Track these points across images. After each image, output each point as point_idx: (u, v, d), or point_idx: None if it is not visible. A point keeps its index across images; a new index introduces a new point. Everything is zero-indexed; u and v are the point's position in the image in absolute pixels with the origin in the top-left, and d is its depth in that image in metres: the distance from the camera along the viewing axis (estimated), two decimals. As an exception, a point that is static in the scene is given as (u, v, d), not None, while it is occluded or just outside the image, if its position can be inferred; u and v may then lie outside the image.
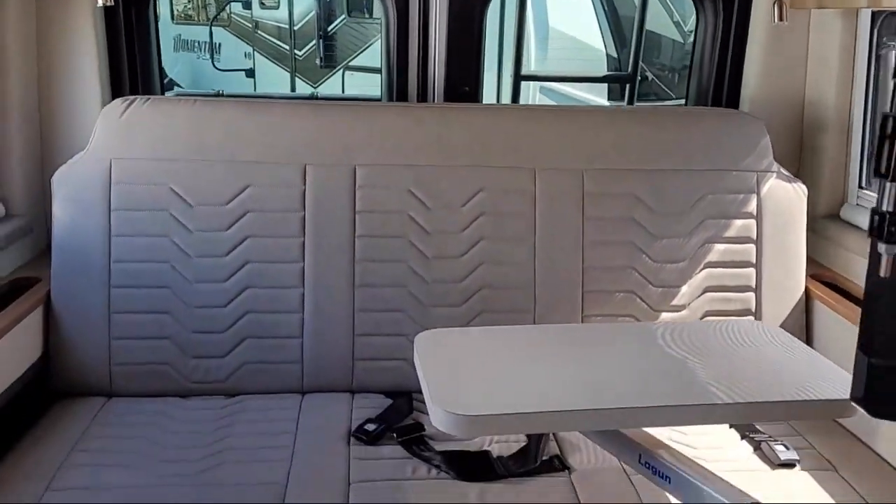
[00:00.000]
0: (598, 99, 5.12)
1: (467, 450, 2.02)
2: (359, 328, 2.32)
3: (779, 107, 2.71)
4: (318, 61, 7.18)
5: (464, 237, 2.35)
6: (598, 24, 6.15)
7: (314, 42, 7.25)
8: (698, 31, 2.91)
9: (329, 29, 7.17)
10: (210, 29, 7.13)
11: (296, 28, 7.43)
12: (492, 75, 4.63)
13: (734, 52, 2.80)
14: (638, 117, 2.59)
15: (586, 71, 5.79)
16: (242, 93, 5.66)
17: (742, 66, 2.78)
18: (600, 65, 5.90)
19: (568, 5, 6.69)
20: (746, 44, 2.76)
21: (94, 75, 2.54)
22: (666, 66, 5.98)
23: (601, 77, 4.27)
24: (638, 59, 3.25)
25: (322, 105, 2.59)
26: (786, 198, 2.45)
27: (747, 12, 2.74)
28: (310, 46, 7.31)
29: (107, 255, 2.27)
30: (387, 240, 2.33)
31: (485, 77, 2.86)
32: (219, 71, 7.23)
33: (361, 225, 2.32)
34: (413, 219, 2.34)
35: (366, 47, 6.92)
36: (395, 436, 2.08)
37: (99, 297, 2.27)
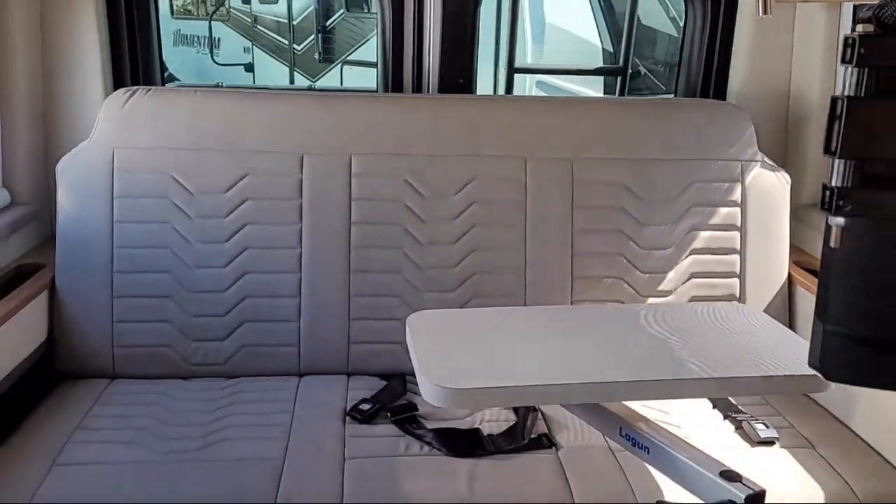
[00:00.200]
0: (594, 93, 5.18)
1: (458, 428, 2.09)
2: (354, 312, 2.39)
3: (765, 98, 2.77)
4: (316, 56, 7.21)
5: (457, 224, 2.42)
6: (594, 20, 6.21)
7: (313, 37, 7.28)
8: (687, 26, 2.97)
9: (328, 24, 7.20)
10: (209, 23, 7.17)
11: (295, 23, 7.46)
12: (489, 69, 4.69)
13: (722, 45, 2.86)
14: (626, 108, 2.65)
15: (581, 65, 5.84)
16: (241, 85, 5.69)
17: (729, 59, 2.85)
18: (596, 59, 5.96)
19: (564, 1, 6.74)
20: (734, 37, 2.82)
21: (96, 67, 2.60)
22: (661, 61, 6.03)
23: (593, 70, 4.33)
24: (629, 53, 3.32)
25: (319, 96, 2.65)
26: (769, 186, 2.52)
27: (734, 6, 2.80)
28: (308, 41, 7.34)
29: (109, 241, 2.33)
30: (382, 227, 2.39)
31: (482, 70, 2.92)
32: (218, 65, 7.28)
33: (357, 212, 2.39)
34: (407, 206, 2.41)
35: (364, 42, 6.95)
36: (388, 415, 2.14)
37: (102, 282, 2.33)
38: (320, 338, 2.39)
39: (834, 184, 0.91)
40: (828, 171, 2.64)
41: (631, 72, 5.02)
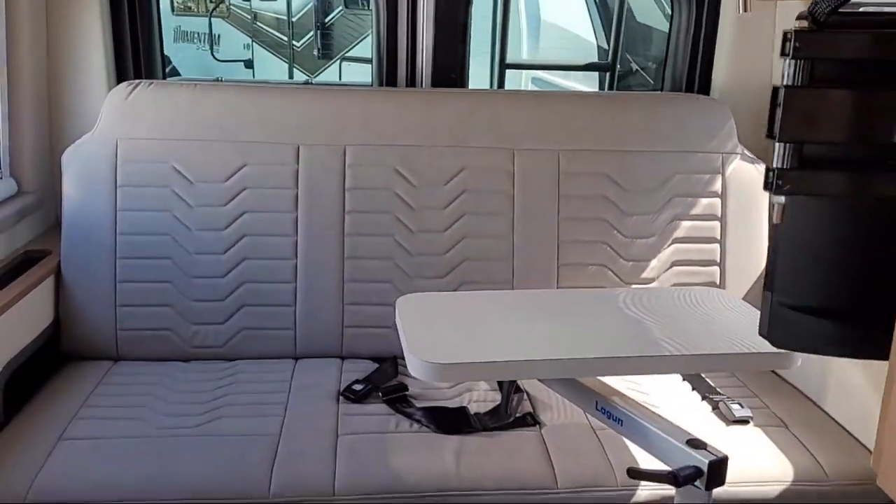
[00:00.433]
0: (588, 90, 5.26)
1: (447, 406, 2.18)
2: (348, 298, 2.48)
3: (747, 93, 2.85)
4: (315, 52, 7.28)
5: (446, 213, 2.51)
6: (589, 17, 6.29)
7: (312, 33, 7.36)
8: (673, 23, 3.05)
9: (326, 20, 7.27)
10: (209, 20, 7.23)
11: (294, 19, 7.53)
12: (487, 66, 4.77)
13: (706, 42, 2.94)
14: (611, 102, 2.74)
15: (577, 62, 5.92)
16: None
17: (713, 55, 2.93)
18: (592, 56, 6.04)
19: (560, -2, 6.82)
20: (717, 34, 2.91)
21: (100, 62, 2.68)
22: (656, 58, 6.11)
23: (581, 65, 4.43)
24: (618, 49, 3.40)
25: (315, 89, 2.75)
26: (749, 178, 2.61)
27: (718, 5, 2.88)
28: (308, 38, 7.41)
29: (113, 228, 2.42)
30: (374, 215, 2.48)
31: (479, 67, 3.00)
32: (218, 62, 7.35)
33: (350, 201, 2.48)
34: (399, 196, 2.50)
35: (362, 38, 7.02)
36: (380, 395, 2.23)
37: (106, 268, 2.42)
38: (315, 322, 2.48)
39: (775, 165, 1.00)
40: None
41: (624, 69, 5.11)
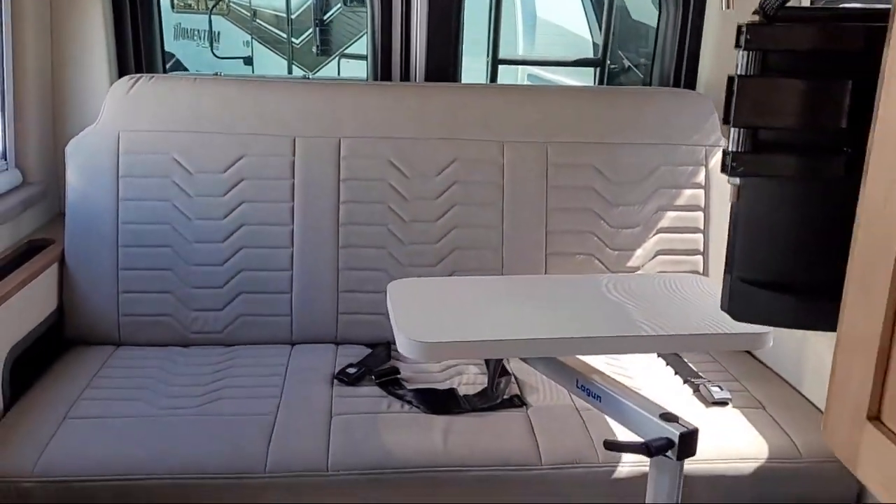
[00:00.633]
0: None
1: (436, 388, 2.27)
2: (342, 285, 2.56)
3: (731, 88, 2.93)
4: (314, 49, 7.35)
5: (438, 203, 2.59)
6: (584, 14, 6.37)
7: (311, 30, 7.42)
8: (661, 19, 3.13)
9: (325, 17, 7.35)
10: (209, 17, 7.30)
11: (293, 16, 7.60)
12: (483, 62, 4.84)
13: (692, 37, 3.02)
14: (598, 96, 2.82)
15: (571, 58, 6.00)
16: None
17: (699, 50, 3.01)
18: (587, 53, 6.12)
19: (556, -5, 6.89)
20: (703, 30, 2.99)
21: (102, 56, 2.76)
22: (651, 54, 6.19)
23: (572, 61, 4.51)
24: (608, 45, 3.48)
25: (311, 83, 2.82)
26: (732, 170, 2.68)
27: (703, 2, 2.96)
28: (307, 35, 7.48)
29: (115, 217, 2.50)
30: (368, 205, 2.56)
31: (474, 63, 3.07)
32: (218, 59, 7.42)
33: (345, 192, 2.56)
34: (392, 186, 2.58)
35: (360, 35, 7.08)
36: (373, 378, 2.31)
37: (108, 256, 2.50)
38: (311, 308, 2.56)
39: (730, 149, 1.09)
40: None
41: (618, 67, 5.18)
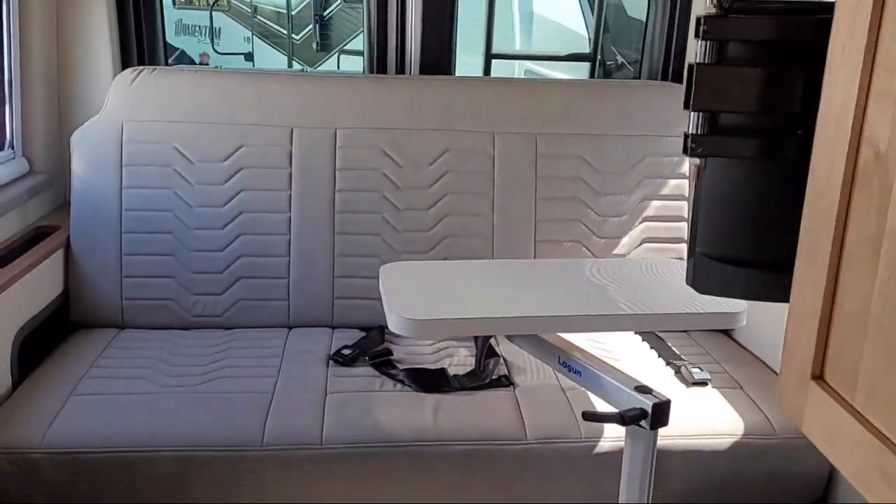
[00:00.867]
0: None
1: (427, 368, 2.36)
2: (338, 271, 2.65)
3: (717, 82, 3.01)
4: (314, 45, 7.43)
5: (431, 192, 2.68)
6: (580, 10, 6.46)
7: (311, 26, 7.50)
8: (650, 14, 3.22)
9: (325, 14, 7.42)
10: (210, 14, 7.37)
11: (293, 13, 7.67)
12: (480, 59, 4.93)
13: (679, 33, 3.11)
14: (586, 89, 2.91)
15: (564, 53, 6.09)
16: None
17: (686, 46, 3.10)
18: (583, 48, 6.21)
19: (553, -8, 6.98)
20: (689, 26, 3.07)
21: (106, 49, 2.84)
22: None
23: (564, 56, 4.60)
24: (598, 39, 3.57)
25: (309, 76, 2.91)
26: (715, 160, 2.77)
27: (690, -1, 3.06)
28: (306, 31, 7.56)
29: (119, 205, 2.59)
30: (363, 193, 2.65)
31: (473, 59, 3.15)
32: (219, 54, 7.50)
33: (341, 180, 2.64)
34: (387, 175, 2.66)
35: (360, 31, 7.14)
36: (366, 359, 2.40)
37: (112, 242, 2.58)
38: (308, 293, 2.65)
39: (690, 132, 1.18)
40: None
41: (611, 63, 5.26)
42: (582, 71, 5.92)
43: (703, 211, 1.25)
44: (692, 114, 1.17)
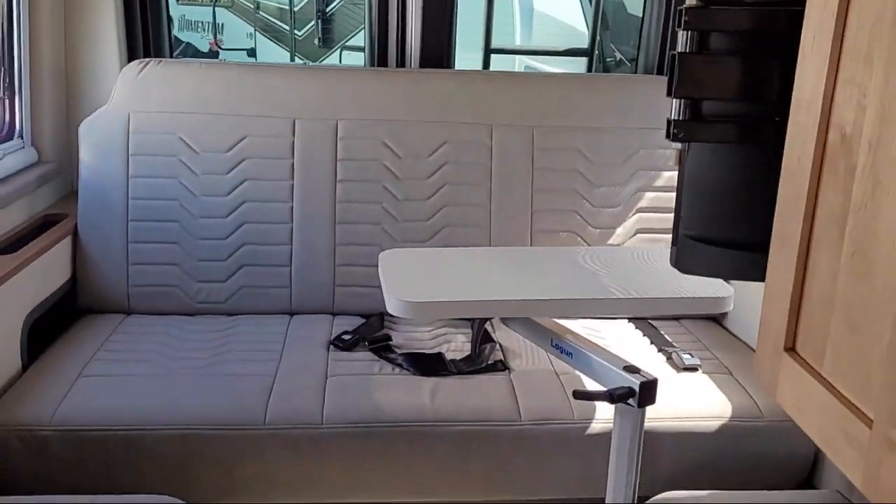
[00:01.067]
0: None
1: (425, 353, 2.42)
2: (339, 259, 2.71)
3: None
4: (316, 41, 7.49)
5: (430, 183, 2.74)
6: (580, 7, 6.51)
7: (313, 22, 7.56)
8: (646, 11, 3.28)
9: (327, 10, 7.48)
10: (213, 9, 7.44)
11: (295, 9, 7.74)
12: (478, 53, 4.98)
13: (674, 29, 3.16)
14: (582, 83, 2.97)
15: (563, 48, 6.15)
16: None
17: (681, 41, 3.15)
18: (583, 44, 6.27)
19: (553, -11, 7.03)
20: (684, 21, 3.13)
21: (113, 42, 2.90)
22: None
23: (562, 51, 4.67)
24: (595, 35, 3.63)
25: (311, 69, 2.97)
26: (708, 153, 2.83)
27: (685, -6, 3.11)
28: (309, 27, 7.62)
29: (125, 194, 2.65)
30: (364, 184, 2.71)
31: (471, 54, 3.21)
32: (222, 50, 7.57)
33: (342, 171, 2.70)
34: (387, 166, 2.72)
35: (362, 27, 7.18)
36: (366, 344, 2.46)
37: (119, 230, 2.65)
38: (309, 281, 2.71)
39: (672, 118, 1.24)
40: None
41: (611, 59, 5.32)
42: (580, 67, 5.99)
43: (685, 193, 1.31)
44: (675, 101, 1.23)
